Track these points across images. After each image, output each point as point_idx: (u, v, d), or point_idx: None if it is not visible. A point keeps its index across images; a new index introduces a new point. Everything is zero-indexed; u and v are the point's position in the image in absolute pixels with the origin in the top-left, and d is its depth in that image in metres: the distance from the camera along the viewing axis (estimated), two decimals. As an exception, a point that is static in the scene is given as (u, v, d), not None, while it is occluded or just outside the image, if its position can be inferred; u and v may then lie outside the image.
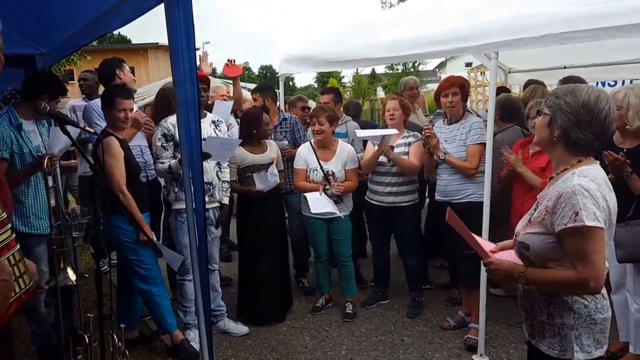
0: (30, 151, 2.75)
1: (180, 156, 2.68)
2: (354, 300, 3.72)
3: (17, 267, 1.34)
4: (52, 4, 2.55)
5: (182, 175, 2.53)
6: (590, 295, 1.51)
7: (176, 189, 3.12)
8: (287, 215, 4.02)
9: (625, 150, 2.62)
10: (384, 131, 3.48)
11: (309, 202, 3.42)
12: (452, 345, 3.18)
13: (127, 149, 2.90)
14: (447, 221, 1.69)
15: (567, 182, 1.48)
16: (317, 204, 3.40)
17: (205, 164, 2.97)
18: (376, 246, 3.88)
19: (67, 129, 2.16)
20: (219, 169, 3.27)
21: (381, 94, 28.33)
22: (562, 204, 1.44)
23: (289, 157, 3.90)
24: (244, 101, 5.43)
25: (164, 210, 3.68)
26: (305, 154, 3.62)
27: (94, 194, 3.52)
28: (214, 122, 3.30)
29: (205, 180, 3.02)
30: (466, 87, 3.34)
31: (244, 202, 3.57)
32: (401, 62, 26.43)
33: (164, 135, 3.09)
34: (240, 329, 3.40)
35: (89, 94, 4.34)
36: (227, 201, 3.36)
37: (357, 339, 3.32)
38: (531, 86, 3.98)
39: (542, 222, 1.52)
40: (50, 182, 2.74)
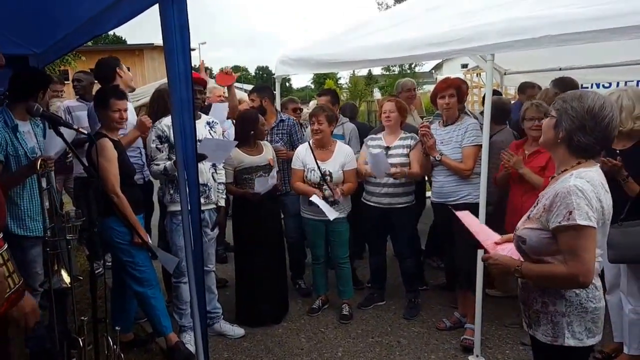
0: (25, 153, 2.72)
1: (175, 157, 2.67)
2: (351, 301, 3.72)
3: (6, 266, 1.33)
4: (46, 3, 2.53)
5: (177, 176, 2.51)
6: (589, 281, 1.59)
7: (171, 191, 3.10)
8: (283, 216, 4.01)
9: (618, 151, 2.63)
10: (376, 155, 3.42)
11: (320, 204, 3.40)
12: (448, 346, 3.18)
13: (121, 150, 2.88)
14: (457, 215, 1.88)
15: (565, 183, 1.56)
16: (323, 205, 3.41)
17: (200, 165, 2.94)
18: (372, 247, 3.87)
19: (61, 130, 2.14)
20: (215, 171, 3.26)
21: (378, 95, 28.36)
22: (558, 203, 1.54)
23: (284, 159, 3.89)
24: (241, 102, 5.43)
25: (154, 210, 3.67)
26: (303, 154, 3.61)
27: (87, 195, 3.49)
28: (208, 123, 3.28)
29: (200, 181, 3.01)
30: (463, 88, 3.34)
31: (240, 204, 3.55)
32: (398, 64, 26.51)
33: (159, 136, 3.07)
34: (236, 330, 3.39)
35: (83, 94, 4.26)
36: (223, 203, 3.35)
37: (353, 340, 3.32)
38: (544, 89, 3.92)
39: (539, 218, 1.62)
40: (44, 183, 2.71)
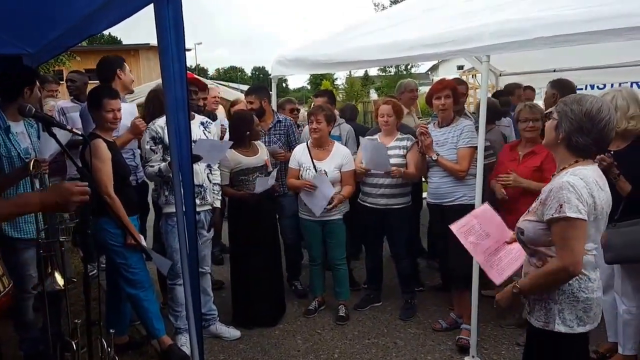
0: (18, 154, 2.70)
1: (169, 159, 2.64)
2: (347, 302, 3.71)
3: None
4: (40, 3, 2.50)
5: (172, 178, 2.49)
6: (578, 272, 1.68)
7: (166, 193, 3.08)
8: (279, 217, 3.99)
9: (612, 152, 2.62)
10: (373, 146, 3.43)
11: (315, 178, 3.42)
12: (444, 347, 3.18)
13: (115, 151, 2.86)
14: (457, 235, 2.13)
15: (559, 179, 1.68)
16: (313, 202, 3.41)
17: (195, 166, 2.93)
18: (369, 248, 3.87)
19: (55, 131, 2.11)
20: (210, 171, 3.24)
21: (374, 96, 28.40)
22: (552, 197, 1.67)
23: (283, 161, 3.85)
24: (237, 102, 5.40)
25: (149, 212, 3.64)
26: (299, 154, 3.60)
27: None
28: (202, 123, 3.26)
29: (196, 182, 2.99)
30: (459, 90, 3.35)
31: (236, 205, 3.54)
32: (394, 65, 26.54)
33: (153, 138, 3.05)
34: (232, 332, 3.38)
35: (78, 95, 4.22)
36: (219, 204, 3.33)
37: (349, 341, 3.31)
38: (552, 91, 3.91)
39: (536, 212, 1.75)
40: (37, 185, 2.69)
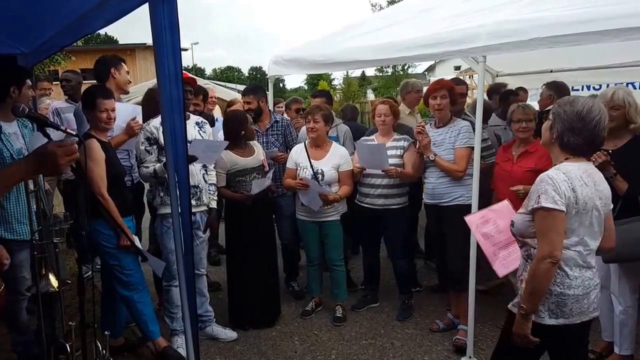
0: (11, 154, 2.66)
1: (165, 159, 2.63)
2: (344, 303, 3.70)
3: None
4: (34, 2, 2.48)
5: (167, 179, 2.47)
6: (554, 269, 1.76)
7: (161, 194, 3.06)
8: (276, 218, 3.97)
9: (610, 151, 2.62)
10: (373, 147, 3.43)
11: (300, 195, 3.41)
12: (442, 347, 3.18)
13: (110, 151, 2.83)
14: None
15: (543, 175, 1.79)
16: (309, 199, 3.40)
17: (191, 167, 2.91)
18: (366, 249, 3.86)
19: (48, 131, 2.09)
20: (206, 172, 3.22)
21: (371, 96, 28.42)
22: (534, 190, 1.79)
23: (282, 163, 3.83)
24: (234, 103, 5.39)
25: (144, 213, 3.62)
26: (296, 154, 3.60)
27: (75, 197, 3.43)
28: (197, 123, 3.24)
29: (191, 183, 2.96)
30: (455, 90, 3.33)
31: (232, 206, 3.52)
32: (390, 65, 26.54)
33: (147, 138, 3.02)
34: (228, 334, 3.36)
35: (72, 95, 4.18)
36: (215, 204, 3.31)
37: (347, 342, 3.30)
38: (548, 93, 3.93)
39: (525, 205, 1.86)
40: (31, 186, 2.66)
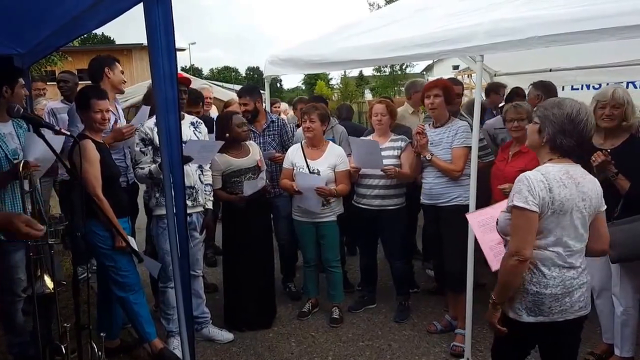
0: (6, 155, 2.66)
1: (160, 160, 2.61)
2: (341, 304, 3.68)
3: None
4: (30, 2, 2.46)
5: (162, 179, 2.46)
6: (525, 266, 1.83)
7: (157, 195, 3.04)
8: (273, 218, 3.96)
9: (609, 150, 2.61)
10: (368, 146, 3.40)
11: (296, 177, 3.40)
12: (439, 349, 3.16)
13: (105, 152, 2.82)
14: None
15: (521, 176, 1.82)
16: (303, 179, 3.39)
17: (186, 167, 2.89)
18: (363, 250, 3.84)
19: (43, 132, 2.07)
20: (201, 172, 3.20)
21: (369, 96, 28.43)
22: (512, 190, 1.83)
23: (279, 163, 3.81)
24: (231, 103, 5.37)
25: (138, 213, 3.60)
26: (293, 154, 3.58)
27: (70, 198, 3.40)
28: (192, 124, 3.22)
29: (187, 184, 2.96)
30: (450, 89, 3.30)
31: (229, 207, 3.50)
32: (388, 65, 26.52)
33: (142, 139, 3.00)
34: (225, 335, 3.34)
35: (69, 96, 4.15)
36: (211, 205, 3.29)
37: (344, 344, 3.28)
38: (536, 93, 3.94)
39: (507, 204, 1.90)
40: (26, 186, 2.64)
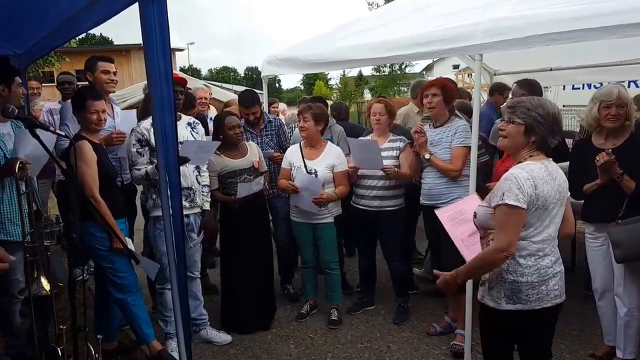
0: (4, 154, 2.64)
1: (156, 161, 2.59)
2: (340, 306, 3.66)
3: None
4: (27, 3, 2.45)
5: (158, 179, 2.44)
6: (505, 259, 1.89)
7: (154, 196, 3.01)
8: (272, 219, 3.94)
9: (610, 150, 2.58)
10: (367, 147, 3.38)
11: (295, 174, 3.39)
12: (439, 351, 3.14)
13: (102, 153, 2.80)
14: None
15: (507, 174, 1.88)
16: (301, 178, 3.37)
17: (184, 168, 2.88)
18: (362, 251, 3.82)
19: (38, 132, 2.06)
20: (199, 173, 3.18)
21: (368, 96, 28.39)
22: (498, 187, 1.87)
23: (278, 163, 3.79)
24: (230, 104, 5.34)
25: (137, 214, 3.58)
26: (291, 154, 3.57)
27: (66, 199, 3.39)
28: (189, 124, 3.20)
29: (185, 185, 2.94)
30: (449, 88, 3.28)
31: (227, 208, 3.48)
32: (387, 64, 26.50)
33: (139, 140, 2.98)
34: (223, 337, 3.31)
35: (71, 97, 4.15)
36: (209, 206, 3.27)
37: (342, 346, 3.26)
38: (521, 92, 3.94)
39: (488, 199, 1.95)
40: (23, 187, 2.62)
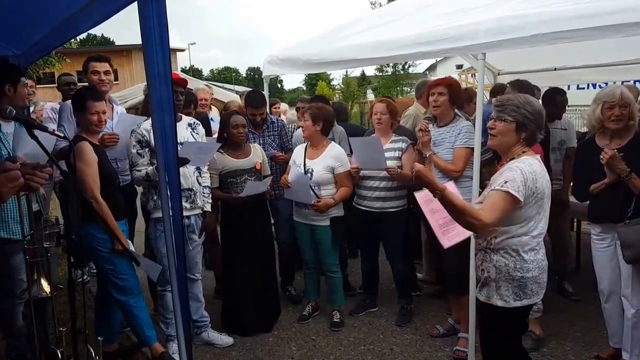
0: (8, 153, 2.64)
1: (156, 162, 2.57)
2: (342, 308, 3.63)
3: None
4: (25, 3, 2.43)
5: (158, 180, 2.42)
6: (485, 234, 2.02)
7: (154, 197, 2.99)
8: (274, 221, 3.92)
9: (616, 150, 2.56)
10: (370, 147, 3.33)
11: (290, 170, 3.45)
12: (442, 353, 3.11)
13: (102, 154, 2.78)
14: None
15: (513, 165, 1.97)
16: (294, 175, 3.39)
17: (184, 169, 2.86)
18: (364, 253, 3.79)
19: (36, 133, 2.04)
20: (199, 174, 3.16)
21: (371, 96, 28.33)
22: (501, 174, 1.97)
23: (281, 163, 3.81)
24: (230, 106, 5.33)
25: (137, 216, 3.56)
26: (297, 153, 3.60)
27: (67, 201, 3.38)
28: (190, 125, 3.18)
29: (186, 186, 2.92)
30: (456, 88, 3.24)
31: (228, 209, 3.46)
32: (390, 64, 26.42)
33: (139, 141, 2.96)
34: (224, 339, 3.29)
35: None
36: (210, 207, 3.24)
37: (345, 348, 3.23)
38: (514, 92, 3.95)
39: (484, 196, 2.04)
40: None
